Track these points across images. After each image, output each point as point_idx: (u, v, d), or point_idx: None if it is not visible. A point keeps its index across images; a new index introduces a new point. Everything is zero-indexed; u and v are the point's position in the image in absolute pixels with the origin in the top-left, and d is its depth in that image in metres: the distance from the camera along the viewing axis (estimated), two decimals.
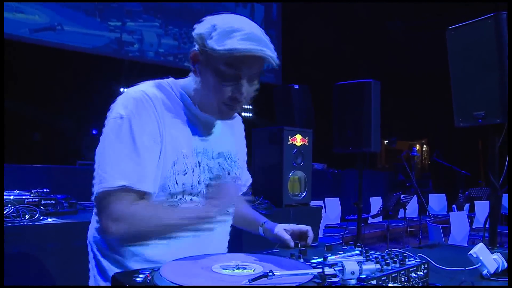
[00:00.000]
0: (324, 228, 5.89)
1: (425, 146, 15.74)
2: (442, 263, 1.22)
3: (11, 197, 2.20)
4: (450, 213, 5.75)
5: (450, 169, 9.45)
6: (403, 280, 1.00)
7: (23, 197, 2.24)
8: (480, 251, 1.21)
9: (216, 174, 1.31)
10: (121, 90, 9.40)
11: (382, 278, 0.93)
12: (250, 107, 10.02)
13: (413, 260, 1.07)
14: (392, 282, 0.96)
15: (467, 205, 7.26)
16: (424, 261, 1.08)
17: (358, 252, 1.18)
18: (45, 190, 2.44)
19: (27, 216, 2.12)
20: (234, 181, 1.38)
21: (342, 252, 1.18)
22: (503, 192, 2.12)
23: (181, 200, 1.23)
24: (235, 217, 1.44)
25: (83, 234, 1.35)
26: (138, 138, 1.15)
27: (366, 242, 6.29)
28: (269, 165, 3.31)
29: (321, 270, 0.88)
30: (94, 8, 8.80)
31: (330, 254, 1.14)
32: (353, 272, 0.87)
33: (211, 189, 1.22)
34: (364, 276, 0.90)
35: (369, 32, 10.94)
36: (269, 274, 0.83)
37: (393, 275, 0.97)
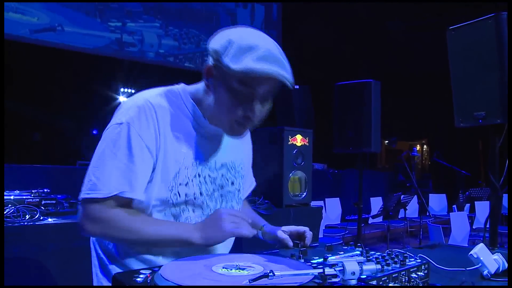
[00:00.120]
0: (325, 228, 5.88)
1: (426, 146, 15.74)
2: (443, 264, 1.22)
3: (12, 197, 2.21)
4: (451, 214, 5.75)
5: (451, 170, 9.45)
6: (404, 281, 1.00)
7: (24, 197, 2.25)
8: (481, 252, 1.21)
9: (220, 185, 1.31)
10: (121, 91, 9.44)
11: (383, 279, 0.93)
12: None
13: (414, 261, 1.06)
14: (393, 283, 0.96)
15: (468, 205, 7.25)
16: (425, 262, 1.08)
17: (359, 253, 1.18)
18: (46, 190, 2.45)
19: (28, 216, 2.13)
20: (236, 192, 1.38)
21: (343, 253, 1.18)
22: (504, 193, 2.12)
23: (184, 211, 1.23)
24: None
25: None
26: (134, 146, 1.15)
27: (367, 243, 6.29)
28: (270, 165, 3.31)
29: (322, 271, 0.88)
30: (95, 9, 8.81)
31: (331, 255, 1.14)
32: (354, 273, 0.87)
33: (208, 218, 1.17)
34: (365, 277, 0.90)
35: (370, 32, 10.94)
36: (270, 274, 0.83)
37: (394, 276, 0.97)
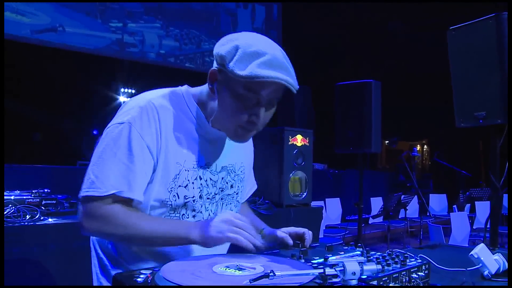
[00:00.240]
0: (325, 229, 5.88)
1: (426, 147, 15.74)
2: (443, 264, 1.22)
3: (12, 197, 2.21)
4: (451, 214, 5.76)
5: (451, 170, 9.45)
6: (404, 281, 0.99)
7: (24, 197, 2.25)
8: (481, 252, 1.21)
9: (220, 188, 1.31)
10: (122, 91, 9.45)
11: (383, 279, 0.93)
12: None
13: (414, 261, 1.06)
14: (393, 283, 0.96)
15: (468, 206, 7.25)
16: (425, 262, 1.08)
17: (359, 253, 1.17)
18: (46, 190, 2.45)
19: (28, 216, 2.13)
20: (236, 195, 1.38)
21: (343, 253, 1.18)
22: (504, 193, 2.12)
23: (184, 216, 1.23)
24: None
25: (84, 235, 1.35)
26: (135, 146, 1.15)
27: (367, 243, 6.28)
28: (270, 166, 3.31)
29: (322, 271, 0.88)
30: (96, 10, 8.81)
31: (331, 255, 1.14)
32: (354, 273, 0.87)
33: (212, 218, 1.13)
34: (365, 277, 0.90)
35: (370, 32, 10.94)
36: (270, 275, 0.83)
37: (394, 276, 0.96)
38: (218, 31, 10.02)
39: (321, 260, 1.08)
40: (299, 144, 3.35)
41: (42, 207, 2.28)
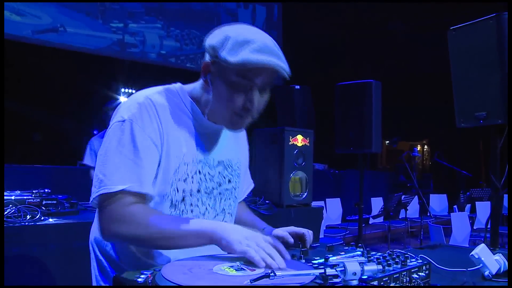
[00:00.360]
0: (325, 229, 5.89)
1: (426, 147, 15.73)
2: (444, 264, 1.22)
3: (13, 198, 2.21)
4: (451, 214, 5.75)
5: (451, 170, 9.43)
6: (405, 281, 0.99)
7: (25, 198, 2.25)
8: (482, 252, 1.21)
9: (218, 183, 1.32)
10: (123, 91, 9.44)
11: (384, 279, 0.93)
12: None
13: (415, 261, 1.06)
14: (394, 283, 0.96)
15: (468, 206, 7.25)
16: (426, 262, 1.08)
17: (360, 253, 1.17)
18: (46, 191, 2.45)
19: (29, 217, 2.13)
20: (235, 189, 1.38)
21: (344, 253, 1.17)
22: (504, 193, 2.12)
23: (183, 213, 1.23)
24: (236, 223, 1.44)
25: (84, 235, 1.35)
26: (139, 142, 1.15)
27: (367, 243, 6.29)
28: (270, 166, 3.31)
29: (323, 271, 0.88)
30: (97, 10, 8.81)
31: (332, 255, 1.14)
32: (355, 273, 0.87)
33: (242, 227, 1.09)
34: (366, 277, 0.90)
35: (370, 32, 10.94)
36: (271, 275, 0.83)
37: (395, 276, 0.96)
38: None
39: (322, 260, 1.08)
40: (300, 144, 3.35)
41: (43, 207, 2.28)
